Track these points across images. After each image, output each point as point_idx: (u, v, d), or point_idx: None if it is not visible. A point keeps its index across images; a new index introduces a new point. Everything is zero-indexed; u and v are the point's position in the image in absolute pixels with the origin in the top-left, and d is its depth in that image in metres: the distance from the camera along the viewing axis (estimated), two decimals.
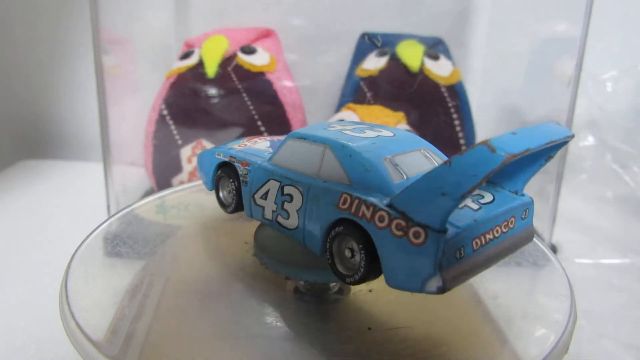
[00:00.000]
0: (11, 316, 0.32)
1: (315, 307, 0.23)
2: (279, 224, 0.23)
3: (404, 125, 0.42)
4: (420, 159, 0.22)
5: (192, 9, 0.58)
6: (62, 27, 0.61)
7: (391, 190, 0.19)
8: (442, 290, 0.18)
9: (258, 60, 0.47)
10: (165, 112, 0.45)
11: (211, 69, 0.45)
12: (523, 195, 0.22)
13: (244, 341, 0.21)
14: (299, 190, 0.22)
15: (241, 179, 0.25)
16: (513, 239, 0.21)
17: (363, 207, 0.19)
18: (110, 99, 0.41)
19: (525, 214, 0.22)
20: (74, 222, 0.44)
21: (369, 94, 0.49)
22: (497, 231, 0.20)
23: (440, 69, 0.49)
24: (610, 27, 0.54)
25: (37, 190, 0.53)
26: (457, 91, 0.48)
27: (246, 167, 0.25)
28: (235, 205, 0.26)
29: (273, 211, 0.23)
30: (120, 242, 0.28)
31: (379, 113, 0.42)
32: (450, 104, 0.48)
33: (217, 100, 0.44)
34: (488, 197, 0.21)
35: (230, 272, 0.25)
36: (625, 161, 0.54)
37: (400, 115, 0.43)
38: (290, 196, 0.22)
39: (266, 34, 0.52)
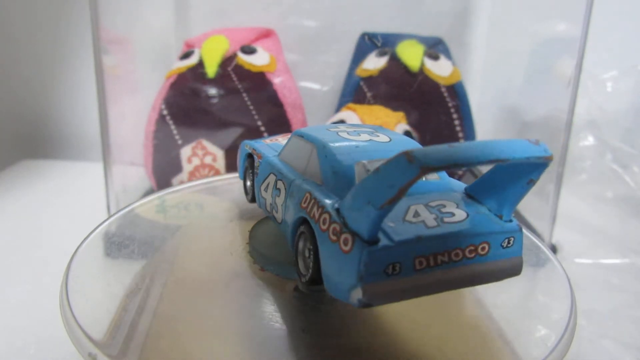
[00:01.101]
0: (11, 316, 0.32)
1: (315, 307, 0.23)
2: (273, 216, 0.23)
3: (404, 125, 0.42)
4: None
5: (192, 9, 0.58)
6: (62, 27, 0.61)
7: None
8: (363, 304, 0.17)
9: (258, 60, 0.47)
10: (165, 112, 0.45)
11: (211, 69, 0.45)
12: (510, 221, 0.19)
13: (244, 341, 0.21)
14: (284, 186, 0.22)
15: (255, 170, 0.26)
16: (484, 268, 0.19)
17: (315, 208, 0.19)
18: (110, 99, 0.41)
19: (509, 243, 0.19)
20: (74, 222, 0.44)
21: (369, 94, 0.49)
22: (456, 254, 0.18)
23: (440, 69, 0.49)
24: (610, 27, 0.54)
25: (37, 190, 0.53)
26: (457, 91, 0.48)
27: (259, 160, 0.26)
28: (252, 195, 0.27)
29: (270, 204, 0.24)
30: (120, 242, 0.28)
31: (379, 113, 0.42)
32: (450, 104, 0.48)
33: (217, 100, 0.44)
34: (459, 216, 0.19)
35: (230, 272, 0.25)
36: (625, 161, 0.54)
37: (400, 115, 0.43)
38: (279, 190, 0.23)
39: (266, 34, 0.52)
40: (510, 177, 0.19)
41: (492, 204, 0.20)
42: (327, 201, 0.19)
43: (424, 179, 0.21)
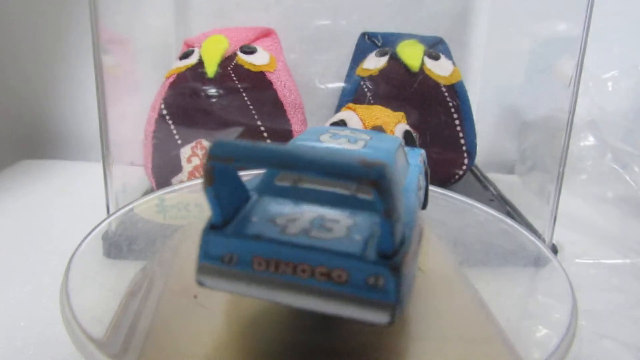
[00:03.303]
0: (11, 316, 0.32)
1: None
2: None
3: (404, 125, 0.42)
4: None
5: (192, 9, 0.58)
6: (62, 27, 0.61)
7: None
8: (197, 280, 0.18)
9: (258, 60, 0.47)
10: (165, 112, 0.45)
11: (211, 69, 0.45)
12: (387, 259, 0.17)
13: (244, 340, 0.21)
14: None
15: None
16: (337, 298, 0.17)
17: None
18: (110, 98, 0.41)
19: (376, 282, 0.17)
20: (74, 222, 0.44)
21: (369, 94, 0.49)
22: (302, 270, 0.17)
23: (440, 69, 0.49)
24: (610, 27, 0.54)
25: (37, 190, 0.53)
26: (457, 91, 0.48)
27: None
28: None
29: None
30: (119, 242, 0.28)
31: (379, 113, 0.42)
32: (450, 104, 0.48)
33: (217, 100, 0.44)
34: (333, 234, 0.18)
35: None
36: (625, 161, 0.54)
37: (400, 115, 0.43)
38: None
39: (266, 33, 0.52)
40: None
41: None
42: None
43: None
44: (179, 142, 0.44)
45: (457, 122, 0.48)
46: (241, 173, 0.20)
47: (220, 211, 0.18)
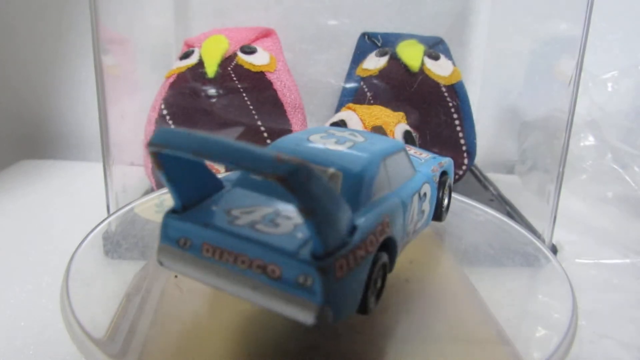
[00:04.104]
0: (11, 316, 0.32)
1: None
2: None
3: (404, 125, 0.42)
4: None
5: (192, 9, 0.58)
6: (62, 26, 0.61)
7: None
8: (158, 261, 0.20)
9: (258, 60, 0.47)
10: (165, 112, 0.45)
11: (211, 69, 0.45)
12: (318, 260, 0.17)
13: (244, 340, 0.21)
14: None
15: None
16: (269, 292, 0.17)
17: None
18: (110, 98, 0.41)
19: (305, 281, 0.17)
20: (74, 222, 0.44)
21: (369, 94, 0.49)
22: (242, 261, 0.18)
23: (440, 69, 0.49)
24: (610, 27, 0.54)
25: (37, 190, 0.53)
26: (457, 91, 0.48)
27: None
28: None
29: None
30: (119, 242, 0.28)
31: (379, 113, 0.42)
32: (450, 104, 0.48)
33: (217, 100, 0.44)
34: (279, 230, 0.18)
35: None
36: (625, 161, 0.54)
37: (400, 115, 0.43)
38: None
39: (266, 33, 0.52)
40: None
41: None
42: None
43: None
44: None
45: (457, 122, 0.48)
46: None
47: (179, 197, 0.20)
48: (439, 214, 0.29)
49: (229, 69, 0.45)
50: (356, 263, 0.18)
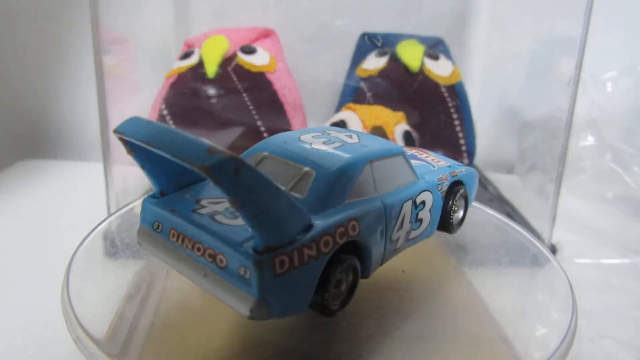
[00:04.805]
0: (11, 316, 0.32)
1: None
2: None
3: (404, 125, 0.42)
4: None
5: (192, 9, 0.58)
6: (63, 27, 0.61)
7: None
8: (138, 242, 0.21)
9: (258, 60, 0.47)
10: (165, 112, 0.45)
11: (211, 69, 0.45)
12: (258, 254, 0.17)
13: (244, 340, 0.21)
14: None
15: None
16: (215, 279, 0.18)
17: None
18: (110, 98, 0.41)
19: (244, 274, 0.17)
20: (74, 222, 0.44)
21: (369, 94, 0.49)
22: (198, 249, 0.19)
23: (440, 69, 0.49)
24: (610, 27, 0.54)
25: (37, 190, 0.53)
26: (457, 91, 0.48)
27: None
28: None
29: None
30: (120, 242, 0.28)
31: (379, 113, 0.42)
32: (450, 104, 0.48)
33: (217, 100, 0.44)
34: (236, 222, 0.19)
35: None
36: (625, 161, 0.54)
37: (400, 115, 0.43)
38: None
39: (266, 34, 0.52)
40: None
41: None
42: None
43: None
44: None
45: (456, 122, 0.48)
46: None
47: (156, 183, 0.21)
48: (447, 225, 0.27)
49: (229, 69, 0.45)
50: (302, 262, 0.18)
